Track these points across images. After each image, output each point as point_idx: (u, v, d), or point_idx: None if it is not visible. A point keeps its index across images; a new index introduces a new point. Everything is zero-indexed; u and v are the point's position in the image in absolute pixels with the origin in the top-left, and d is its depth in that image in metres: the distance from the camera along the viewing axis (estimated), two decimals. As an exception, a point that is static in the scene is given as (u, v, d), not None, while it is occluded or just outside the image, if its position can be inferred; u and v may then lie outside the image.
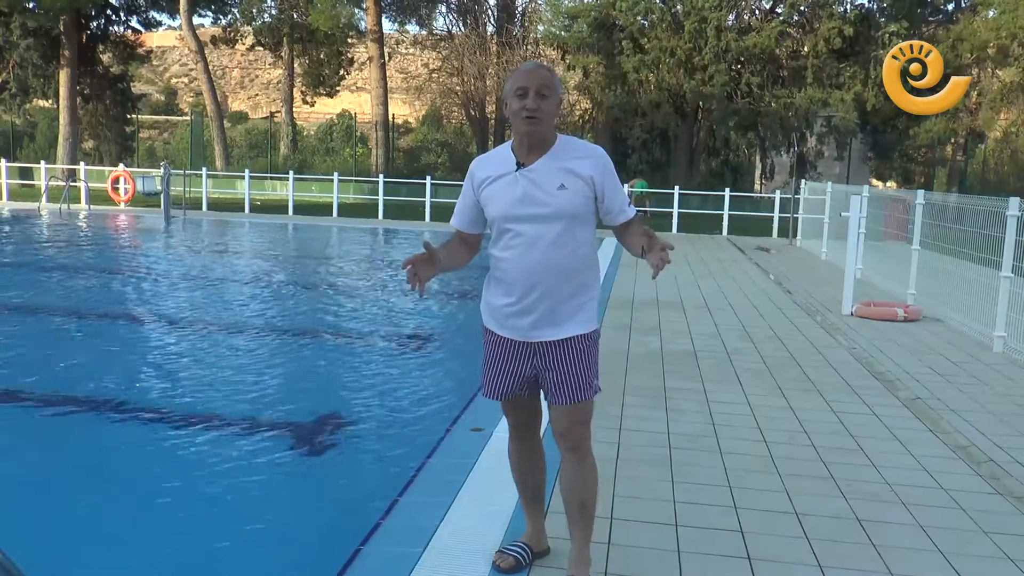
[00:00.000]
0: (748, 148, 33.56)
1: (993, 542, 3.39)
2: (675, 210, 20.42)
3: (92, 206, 21.38)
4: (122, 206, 22.56)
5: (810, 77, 26.54)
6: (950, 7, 29.69)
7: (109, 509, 3.88)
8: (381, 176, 24.33)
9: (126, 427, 5.06)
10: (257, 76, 61.95)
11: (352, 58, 39.08)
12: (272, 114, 43.81)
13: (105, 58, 33.32)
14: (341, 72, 38.22)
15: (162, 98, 58.62)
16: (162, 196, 19.32)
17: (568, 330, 2.76)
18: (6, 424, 5.12)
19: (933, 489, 3.95)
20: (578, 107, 33.96)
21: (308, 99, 38.75)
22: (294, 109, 39.19)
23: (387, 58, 36.98)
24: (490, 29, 36.38)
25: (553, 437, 2.87)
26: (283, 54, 38.17)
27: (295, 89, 38.63)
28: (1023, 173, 30.70)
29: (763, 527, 3.44)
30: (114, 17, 33.06)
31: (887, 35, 25.77)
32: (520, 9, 36.91)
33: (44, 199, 22.34)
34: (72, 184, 22.16)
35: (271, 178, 29.19)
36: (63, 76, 29.47)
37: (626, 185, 20.07)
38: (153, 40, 47.29)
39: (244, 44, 38.83)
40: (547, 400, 2.86)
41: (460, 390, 5.59)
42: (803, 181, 20.32)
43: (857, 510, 3.65)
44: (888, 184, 33.82)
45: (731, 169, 32.16)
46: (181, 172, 22.40)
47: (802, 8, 27.32)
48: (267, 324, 8.20)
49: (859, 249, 10.33)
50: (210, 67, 37.00)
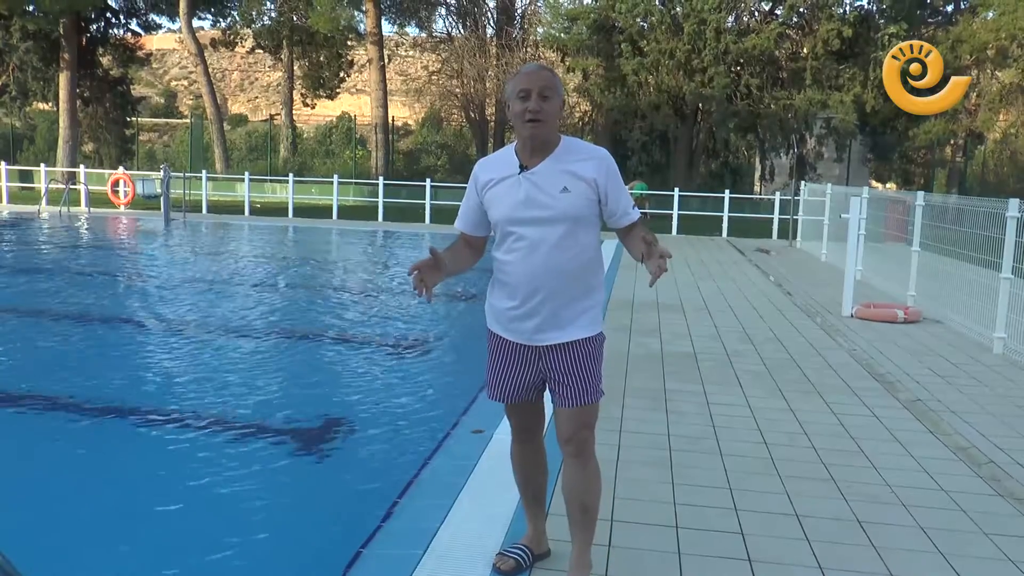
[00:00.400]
0: (748, 150, 33.56)
1: (994, 544, 3.39)
2: (675, 212, 20.43)
3: (92, 209, 21.37)
4: (122, 209, 22.57)
5: (809, 79, 26.53)
6: (949, 8, 29.69)
7: (109, 510, 3.88)
8: (381, 178, 24.32)
9: (126, 429, 5.06)
10: (257, 79, 61.98)
11: (352, 60, 39.12)
12: (272, 117, 43.88)
13: (105, 61, 33.36)
14: (341, 74, 38.26)
15: (162, 101, 58.62)
16: (162, 199, 19.36)
17: (572, 333, 2.75)
18: (6, 426, 5.12)
19: (933, 491, 3.95)
20: (578, 109, 33.97)
21: (308, 101, 38.80)
22: (294, 112, 39.26)
23: (387, 60, 37.01)
24: (490, 31, 36.41)
25: (557, 440, 2.87)
26: (283, 57, 38.25)
27: (295, 91, 38.71)
28: (1023, 174, 30.71)
29: (763, 529, 3.44)
30: (114, 20, 33.16)
31: (886, 36, 25.73)
32: (520, 11, 36.97)
33: (44, 202, 22.35)
34: (72, 187, 22.19)
35: (271, 180, 29.20)
36: (63, 79, 29.49)
37: (626, 187, 20.05)
38: (153, 43, 47.27)
39: (244, 47, 38.89)
40: (552, 403, 2.86)
41: (461, 392, 5.57)
42: (803, 183, 20.30)
43: (857, 512, 3.65)
44: (888, 185, 33.79)
45: (731, 171, 32.13)
46: (181, 175, 22.39)
47: (801, 10, 27.30)
48: (268, 326, 8.19)
49: (859, 251, 10.34)
50: (210, 70, 37.00)
